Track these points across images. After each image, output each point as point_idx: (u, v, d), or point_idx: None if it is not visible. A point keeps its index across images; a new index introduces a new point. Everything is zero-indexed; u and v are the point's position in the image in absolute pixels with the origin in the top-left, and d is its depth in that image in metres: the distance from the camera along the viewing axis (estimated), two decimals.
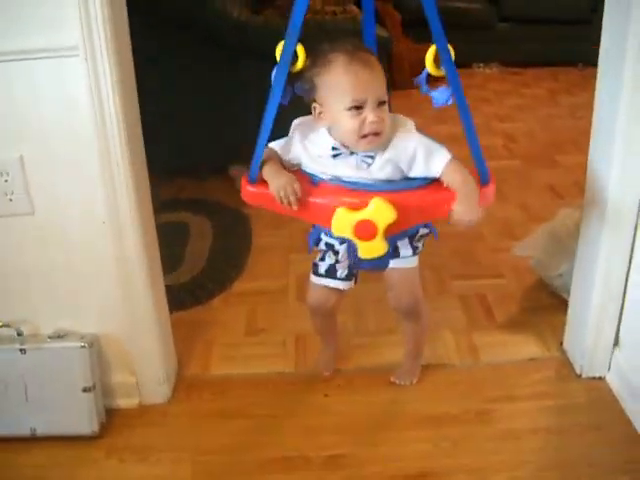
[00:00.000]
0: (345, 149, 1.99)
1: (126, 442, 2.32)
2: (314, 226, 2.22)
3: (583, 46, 5.68)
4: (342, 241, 2.13)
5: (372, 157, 1.98)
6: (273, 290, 3.09)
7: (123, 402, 2.45)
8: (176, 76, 3.85)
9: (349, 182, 2.00)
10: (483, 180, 2.05)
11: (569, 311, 2.65)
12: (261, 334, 2.83)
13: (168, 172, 3.91)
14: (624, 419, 2.36)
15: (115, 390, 2.44)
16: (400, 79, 5.54)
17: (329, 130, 2.00)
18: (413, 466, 2.20)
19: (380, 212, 1.94)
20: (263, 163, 2.02)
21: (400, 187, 2.00)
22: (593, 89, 2.29)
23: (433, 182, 2.01)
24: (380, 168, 1.99)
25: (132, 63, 2.16)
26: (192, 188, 4.07)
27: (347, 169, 2.00)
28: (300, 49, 1.89)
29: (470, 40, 6.71)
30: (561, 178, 4.25)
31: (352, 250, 2.12)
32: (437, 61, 1.88)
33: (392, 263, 2.20)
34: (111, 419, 2.39)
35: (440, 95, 1.94)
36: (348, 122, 1.92)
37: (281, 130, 2.09)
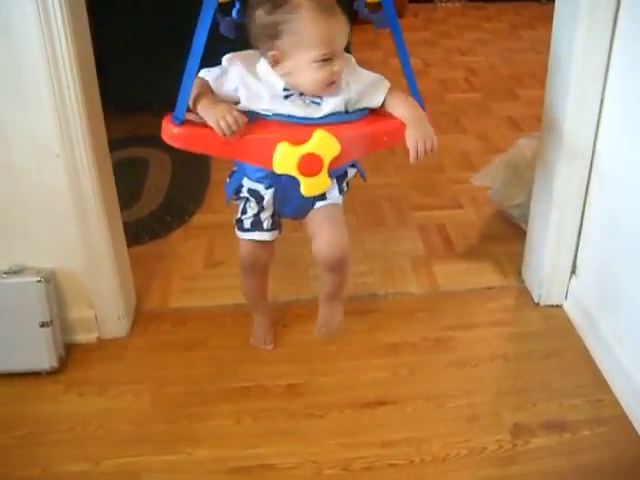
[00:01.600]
0: (294, 90, 1.89)
1: (85, 376, 2.32)
2: (232, 174, 2.12)
3: None
4: (268, 185, 2.02)
5: (320, 97, 1.89)
6: (231, 223, 3.06)
7: (82, 337, 2.45)
8: (131, 9, 3.81)
9: (287, 117, 1.88)
10: None
11: (527, 240, 2.67)
12: (220, 267, 2.82)
13: (125, 108, 3.88)
14: (580, 345, 2.40)
15: (74, 325, 2.43)
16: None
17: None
18: (371, 393, 2.22)
19: (325, 144, 1.85)
20: (194, 98, 1.85)
21: (341, 119, 1.91)
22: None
23: (372, 112, 1.96)
24: (330, 106, 1.90)
25: None
26: (151, 124, 4.00)
27: (296, 109, 1.88)
28: None
29: None
30: (521, 110, 4.26)
31: (279, 193, 2.03)
32: None
33: (317, 205, 2.09)
34: (70, 354, 2.39)
35: (380, 18, 1.90)
36: (315, 73, 1.83)
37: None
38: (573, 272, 2.51)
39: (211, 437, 2.09)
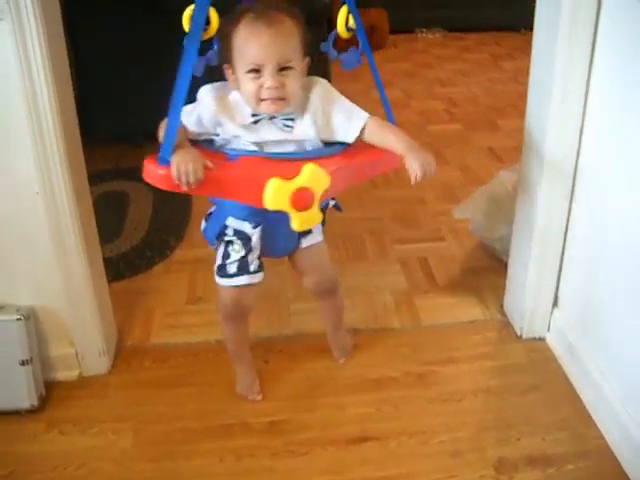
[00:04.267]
0: (266, 115, 1.90)
1: (67, 414, 2.30)
2: (210, 216, 2.12)
3: (526, 11, 5.65)
4: (255, 224, 2.02)
5: (292, 119, 1.91)
6: (213, 257, 3.05)
7: (63, 374, 2.42)
8: (113, 43, 3.81)
9: (271, 154, 1.90)
10: None
11: (508, 273, 2.67)
12: (201, 302, 2.81)
13: (106, 140, 3.88)
14: (563, 378, 2.39)
15: (54, 362, 2.41)
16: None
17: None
18: (354, 430, 2.21)
19: (315, 177, 1.84)
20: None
21: (325, 152, 1.94)
22: None
23: (352, 145, 1.98)
24: (303, 130, 1.92)
25: (62, 29, 2.12)
26: (131, 156, 4.00)
27: (270, 134, 1.91)
28: (213, 13, 1.85)
29: (414, 5, 6.73)
30: (501, 141, 4.29)
31: (267, 231, 2.04)
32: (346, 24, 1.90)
33: (304, 242, 2.15)
34: (51, 392, 2.37)
35: (349, 57, 1.94)
36: (247, 85, 1.85)
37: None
38: (555, 305, 2.51)
39: (194, 476, 2.08)
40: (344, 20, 1.91)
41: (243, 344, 2.34)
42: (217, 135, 1.94)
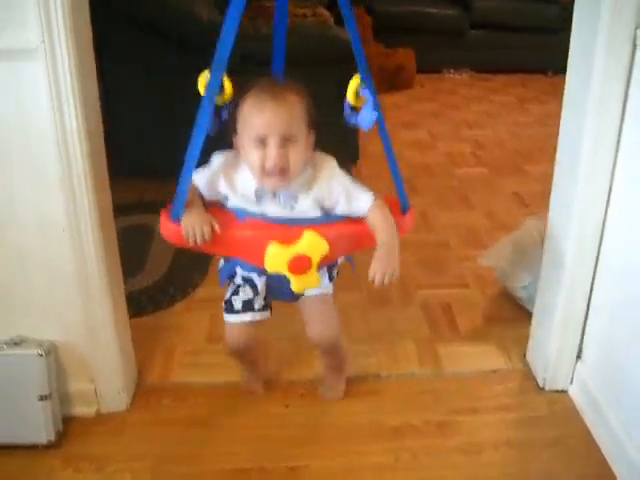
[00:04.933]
0: (269, 191, 1.97)
1: (83, 451, 2.28)
2: (225, 260, 2.20)
3: (553, 54, 5.69)
4: (260, 273, 2.11)
5: (296, 198, 1.98)
6: None
7: (81, 410, 2.41)
8: (141, 77, 3.87)
9: (275, 218, 1.98)
10: (402, 207, 2.09)
11: (532, 323, 2.65)
12: (222, 341, 2.74)
13: (131, 174, 3.88)
14: (585, 433, 2.36)
15: (73, 398, 2.39)
16: None
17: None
18: (373, 479, 2.18)
19: (313, 245, 1.93)
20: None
21: (327, 219, 2.02)
22: (562, 97, 2.29)
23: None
24: (304, 209, 1.99)
25: (94, 67, 2.13)
26: (155, 190, 4.01)
27: (272, 208, 1.99)
28: (227, 81, 1.88)
29: (441, 46, 6.79)
30: (528, 187, 4.27)
31: (272, 282, 2.14)
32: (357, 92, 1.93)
33: (307, 292, 2.17)
34: (68, 428, 2.35)
35: (364, 115, 1.94)
36: (251, 155, 1.91)
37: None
38: (579, 357, 2.48)
39: None
40: (354, 89, 1.93)
41: (251, 373, 2.49)
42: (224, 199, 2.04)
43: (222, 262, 2.22)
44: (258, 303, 2.19)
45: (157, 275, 3.25)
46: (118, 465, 2.23)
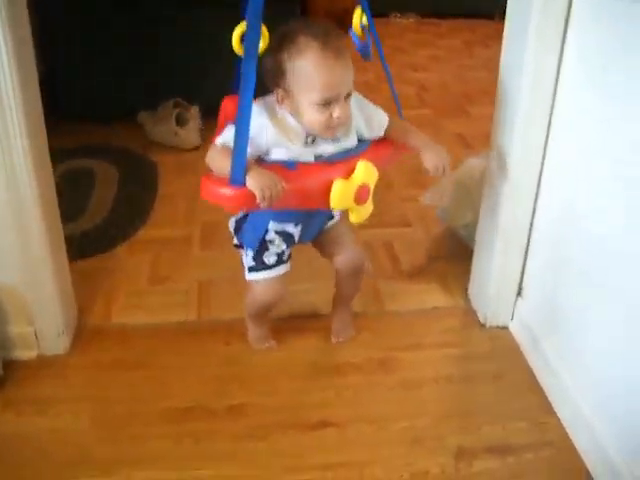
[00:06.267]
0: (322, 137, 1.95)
1: (24, 394, 2.26)
2: (246, 221, 2.14)
3: None
4: (297, 222, 2.12)
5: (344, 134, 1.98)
6: (178, 238, 3.04)
7: (21, 354, 2.38)
8: (84, 12, 3.79)
9: (327, 157, 1.96)
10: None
11: (474, 260, 2.66)
12: (165, 282, 2.78)
13: (74, 117, 3.85)
14: (525, 368, 2.39)
15: (12, 341, 2.36)
16: None
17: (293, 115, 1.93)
18: (314, 415, 2.19)
19: (370, 173, 1.96)
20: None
21: (361, 148, 2.02)
22: None
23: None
24: (350, 142, 2.00)
25: (25, 8, 2.08)
26: (98, 134, 3.97)
27: (326, 149, 1.96)
28: (265, 31, 1.84)
29: None
30: (471, 128, 4.28)
31: (305, 226, 2.15)
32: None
33: (328, 224, 2.25)
34: (8, 371, 2.32)
35: (365, 50, 2.06)
36: (313, 116, 1.86)
37: None
38: (519, 293, 2.50)
39: (151, 459, 2.04)
40: (359, 19, 2.01)
41: (263, 330, 2.45)
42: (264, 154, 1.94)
43: (237, 223, 2.18)
44: (286, 254, 2.19)
45: (98, 219, 3.21)
46: (59, 407, 2.21)
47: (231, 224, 2.19)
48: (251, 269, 2.19)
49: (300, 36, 1.82)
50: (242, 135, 1.75)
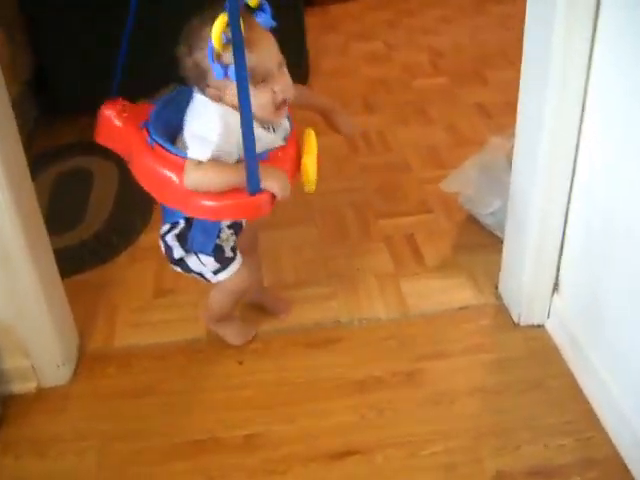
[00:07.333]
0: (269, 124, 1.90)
1: (23, 434, 2.12)
2: (197, 230, 2.02)
3: None
4: None
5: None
6: None
7: (19, 387, 2.24)
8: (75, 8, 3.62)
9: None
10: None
11: (504, 253, 2.46)
12: (170, 295, 2.62)
13: (71, 111, 3.68)
14: (565, 372, 2.20)
15: (9, 375, 2.22)
16: None
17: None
18: (337, 442, 2.02)
19: (314, 141, 1.91)
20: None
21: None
22: None
23: None
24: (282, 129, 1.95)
25: None
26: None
27: (269, 139, 1.89)
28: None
29: None
30: (491, 96, 3.98)
31: None
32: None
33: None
34: (6, 408, 2.18)
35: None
36: (260, 97, 1.76)
37: None
38: (555, 289, 2.30)
39: None
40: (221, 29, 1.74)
41: (240, 321, 2.42)
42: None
43: (178, 236, 2.05)
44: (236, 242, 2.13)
45: (98, 224, 3.02)
46: (61, 447, 2.07)
47: (169, 240, 2.06)
48: (218, 271, 2.09)
49: (204, 28, 1.71)
50: (250, 141, 1.67)
